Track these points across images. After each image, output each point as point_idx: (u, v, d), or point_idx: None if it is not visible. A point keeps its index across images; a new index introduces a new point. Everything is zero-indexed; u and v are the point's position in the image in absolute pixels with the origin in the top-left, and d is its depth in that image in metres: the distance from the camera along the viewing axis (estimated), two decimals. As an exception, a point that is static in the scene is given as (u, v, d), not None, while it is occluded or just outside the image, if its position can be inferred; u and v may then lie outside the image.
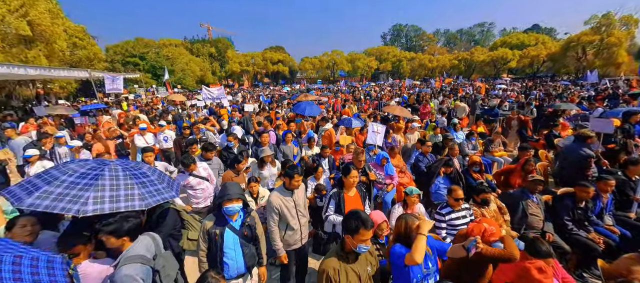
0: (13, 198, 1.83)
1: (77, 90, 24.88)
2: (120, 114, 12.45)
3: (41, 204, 1.85)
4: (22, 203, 1.81)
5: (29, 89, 20.21)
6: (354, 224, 1.75)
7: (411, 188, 3.13)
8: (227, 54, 53.55)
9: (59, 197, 1.91)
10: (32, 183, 1.97)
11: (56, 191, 1.94)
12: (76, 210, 1.87)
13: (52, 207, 1.86)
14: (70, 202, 1.91)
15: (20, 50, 13.81)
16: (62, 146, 6.29)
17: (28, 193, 1.88)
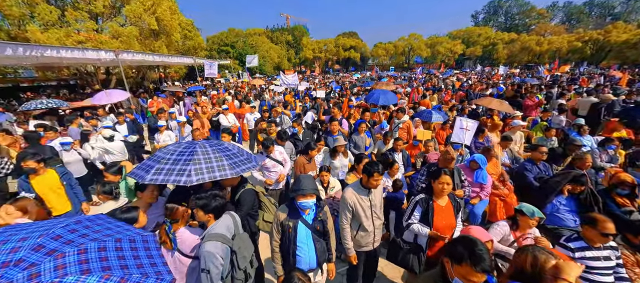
0: (137, 177, 2.23)
1: (185, 75, 30.50)
2: (213, 95, 14.54)
3: (158, 179, 2.20)
4: (144, 179, 2.20)
5: (155, 73, 25.80)
6: (462, 254, 1.36)
7: (532, 209, 2.40)
8: (302, 41, 55.82)
9: (169, 172, 2.25)
10: (146, 165, 2.37)
11: (165, 168, 2.28)
12: (185, 181, 2.18)
13: (166, 180, 2.20)
14: (178, 175, 2.24)
15: (150, 41, 17.54)
16: (173, 120, 7.67)
17: (146, 171, 2.28)
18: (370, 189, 2.45)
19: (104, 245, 1.13)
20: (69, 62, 11.09)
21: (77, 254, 1.04)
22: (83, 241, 1.11)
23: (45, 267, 0.97)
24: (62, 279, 0.94)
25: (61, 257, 1.00)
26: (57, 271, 0.96)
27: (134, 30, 15.18)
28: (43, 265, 0.97)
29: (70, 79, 21.31)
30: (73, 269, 0.99)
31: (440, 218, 2.34)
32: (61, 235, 1.10)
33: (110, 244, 1.15)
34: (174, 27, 17.92)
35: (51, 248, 1.03)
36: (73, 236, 1.11)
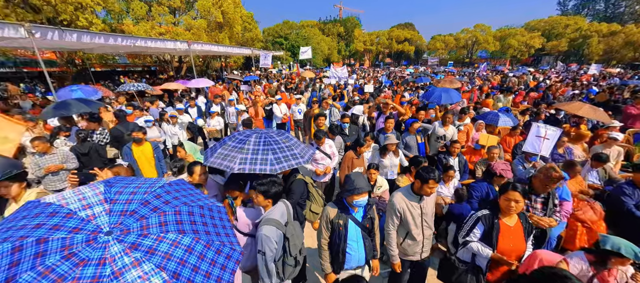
0: (224, 167, 2.50)
1: (242, 64, 32.91)
2: (266, 85, 15.38)
3: (216, 162, 2.47)
4: (207, 161, 2.50)
5: (217, 62, 28.43)
6: None
7: (633, 249, 1.83)
8: (354, 33, 54.78)
9: (224, 158, 2.50)
10: (213, 147, 2.67)
11: (223, 153, 2.54)
12: (230, 168, 2.42)
13: (219, 164, 2.48)
14: (227, 160, 2.49)
15: (215, 33, 19.32)
16: (231, 107, 8.37)
17: (231, 161, 2.55)
18: (422, 196, 2.30)
19: (191, 210, 1.24)
20: (152, 51, 12.94)
21: (174, 214, 1.15)
22: (177, 203, 1.23)
23: (152, 222, 1.09)
24: (165, 235, 1.05)
25: (163, 215, 1.13)
26: (161, 227, 1.08)
27: (203, 23, 16.88)
28: (151, 220, 1.09)
29: (152, 66, 24.93)
30: (172, 228, 1.10)
31: (507, 240, 2.07)
32: (160, 194, 1.24)
33: (196, 209, 1.26)
34: (236, 19, 19.32)
35: (155, 205, 1.17)
36: (169, 197, 1.25)
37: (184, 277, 0.98)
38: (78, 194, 1.14)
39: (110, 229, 1.02)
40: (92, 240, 0.95)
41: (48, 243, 0.90)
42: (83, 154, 4.63)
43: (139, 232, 1.02)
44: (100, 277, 0.86)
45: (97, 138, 5.31)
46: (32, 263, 0.84)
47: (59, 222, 0.98)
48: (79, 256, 0.90)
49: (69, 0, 9.91)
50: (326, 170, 3.94)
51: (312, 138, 4.35)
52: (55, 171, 3.95)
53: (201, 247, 1.09)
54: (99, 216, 1.06)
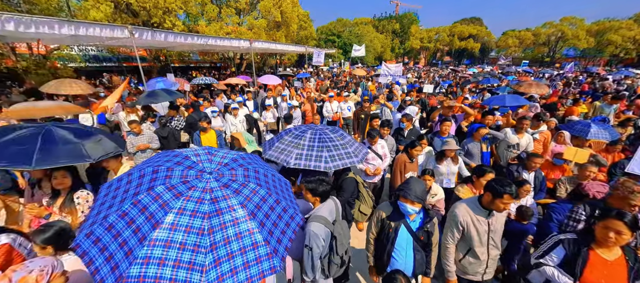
0: (281, 161, 2.65)
1: (295, 62, 34.25)
2: (318, 82, 15.70)
3: (273, 155, 2.62)
4: (289, 163, 2.64)
5: (273, 59, 30.14)
6: None
7: None
8: (410, 29, 51.82)
9: (281, 152, 2.64)
10: (271, 141, 2.84)
11: (281, 147, 2.67)
12: (287, 161, 2.53)
13: (276, 157, 2.62)
14: (284, 154, 2.62)
15: (273, 32, 20.48)
16: (284, 102, 8.78)
17: (269, 146, 2.74)
18: (491, 211, 2.05)
19: (266, 173, 1.58)
20: (219, 48, 14.42)
21: (254, 171, 1.51)
22: (256, 165, 1.60)
23: (238, 173, 1.45)
24: (247, 184, 1.39)
25: (246, 170, 1.50)
26: (245, 178, 1.43)
27: (263, 23, 18.05)
28: (237, 171, 1.46)
29: (218, 62, 27.79)
30: (253, 181, 1.43)
31: (598, 275, 1.69)
32: (245, 157, 1.64)
33: (269, 173, 1.60)
34: (293, 18, 20.13)
35: (241, 163, 1.54)
36: (250, 160, 1.64)
37: (258, 218, 1.28)
38: (193, 150, 1.59)
39: (211, 171, 1.41)
40: (199, 176, 1.36)
41: (173, 171, 1.35)
42: (163, 137, 5.42)
43: (229, 178, 1.39)
44: (203, 200, 1.23)
45: (174, 124, 6.16)
46: (163, 180, 1.29)
47: (181, 161, 1.44)
48: (190, 183, 1.29)
49: (159, 5, 11.71)
50: (376, 171, 3.84)
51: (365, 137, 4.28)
52: (143, 149, 4.73)
53: (272, 201, 1.39)
54: (204, 163, 1.47)
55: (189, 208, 1.19)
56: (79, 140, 2.46)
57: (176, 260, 1.09)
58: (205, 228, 1.16)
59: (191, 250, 1.11)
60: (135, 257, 1.07)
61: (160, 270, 1.06)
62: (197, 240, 1.13)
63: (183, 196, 1.22)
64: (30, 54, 12.31)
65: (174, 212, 1.17)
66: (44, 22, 5.79)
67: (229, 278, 1.12)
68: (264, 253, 1.22)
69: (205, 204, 1.22)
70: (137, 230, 1.13)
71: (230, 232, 1.20)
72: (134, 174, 1.36)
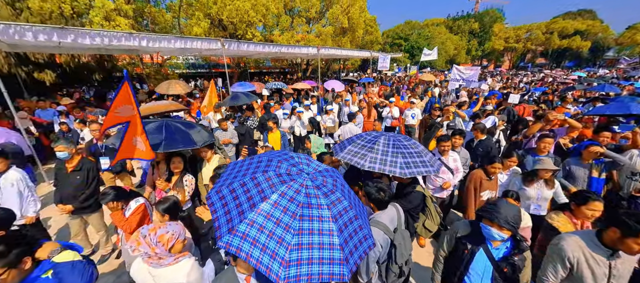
0: (356, 163, 2.73)
1: (358, 67, 34.24)
2: (381, 87, 15.34)
3: (346, 157, 2.70)
4: (338, 155, 2.75)
5: (337, 64, 30.85)
6: None
7: None
8: (493, 28, 45.51)
9: (354, 155, 2.69)
10: (342, 144, 2.93)
11: (353, 150, 2.73)
12: (361, 164, 2.56)
13: (349, 160, 2.67)
14: (357, 157, 2.64)
15: (339, 38, 20.98)
16: (346, 107, 8.91)
17: (341, 149, 2.83)
18: (616, 252, 1.65)
19: (348, 188, 1.76)
20: (290, 55, 15.61)
21: (340, 184, 1.70)
22: (337, 176, 1.79)
23: (328, 181, 1.62)
24: (335, 191, 1.55)
25: (335, 180, 1.67)
26: (333, 186, 1.59)
27: (330, 30, 18.69)
28: (327, 179, 1.63)
29: (286, 68, 30.07)
30: (339, 190, 1.60)
31: None
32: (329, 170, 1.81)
33: (352, 192, 1.78)
34: (360, 24, 20.22)
35: (330, 174, 1.73)
36: (334, 174, 1.79)
37: (339, 224, 1.43)
38: (295, 154, 1.88)
39: (308, 172, 1.64)
40: (299, 173, 1.61)
41: (282, 164, 1.64)
42: (241, 134, 6.20)
43: (321, 181, 1.60)
44: (299, 191, 1.46)
45: (250, 123, 6.98)
46: (274, 169, 1.58)
47: (288, 158, 1.74)
48: (292, 176, 1.56)
49: (243, 19, 13.47)
50: (445, 185, 3.54)
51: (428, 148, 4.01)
52: (227, 143, 5.52)
53: (352, 214, 1.52)
54: (304, 165, 1.73)
55: (289, 194, 1.44)
56: (186, 130, 3.07)
57: (271, 231, 1.32)
58: (297, 213, 1.37)
59: (283, 228, 1.32)
60: (245, 217, 1.35)
61: (258, 234, 1.31)
62: (289, 221, 1.34)
63: (286, 184, 1.48)
64: (152, 63, 15.82)
65: (277, 193, 1.43)
66: (164, 38, 7.39)
67: (304, 265, 1.27)
68: (337, 258, 1.33)
69: (301, 195, 1.44)
70: (250, 198, 1.43)
71: (315, 225, 1.37)
72: (254, 159, 1.74)
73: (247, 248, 1.27)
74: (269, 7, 14.51)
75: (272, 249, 1.27)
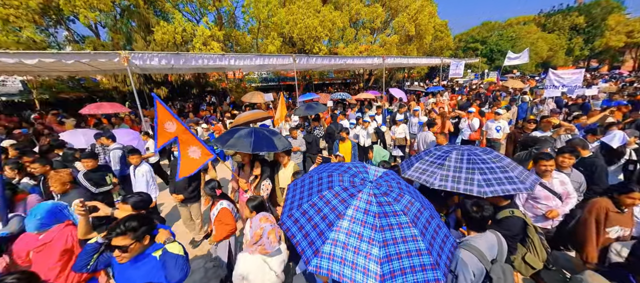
0: (426, 182, 2.58)
1: (425, 75, 32.07)
2: (452, 97, 13.95)
3: (413, 175, 2.56)
4: (405, 173, 2.64)
5: (401, 73, 29.66)
6: None
7: None
8: (608, 21, 36.37)
9: (423, 172, 2.53)
10: (409, 161, 2.80)
11: (421, 167, 2.57)
12: (430, 183, 2.38)
13: (417, 178, 2.52)
14: (426, 174, 2.49)
15: (405, 46, 20.18)
16: (415, 117, 8.41)
17: (408, 166, 2.69)
18: None
19: (415, 190, 1.74)
20: (354, 66, 15.83)
21: (408, 189, 1.68)
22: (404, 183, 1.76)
23: (393, 185, 1.63)
24: (402, 197, 1.51)
25: (407, 187, 1.70)
26: (399, 190, 1.57)
27: (396, 38, 18.18)
28: (392, 183, 1.65)
29: (348, 79, 30.49)
30: (407, 195, 1.56)
31: None
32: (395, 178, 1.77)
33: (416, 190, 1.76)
34: (428, 30, 19.08)
35: (393, 178, 1.71)
36: (401, 182, 1.75)
37: (419, 227, 1.37)
38: (349, 163, 1.88)
39: (371, 180, 1.64)
40: (363, 182, 1.61)
41: (343, 176, 1.66)
42: (308, 142, 6.51)
43: (387, 188, 1.57)
44: (371, 202, 1.43)
45: (316, 132, 7.29)
46: (338, 183, 1.60)
47: (346, 170, 1.75)
48: (358, 187, 1.55)
49: (311, 35, 14.39)
50: (550, 214, 2.92)
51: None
52: (295, 151, 5.88)
53: (427, 214, 1.48)
54: (363, 174, 1.73)
55: (362, 207, 1.42)
56: (270, 136, 3.42)
57: (356, 247, 1.31)
58: (377, 225, 1.34)
59: (367, 242, 1.31)
60: (326, 238, 1.36)
61: (344, 252, 1.31)
62: (371, 234, 1.32)
63: (356, 196, 1.48)
64: (233, 78, 18.33)
65: (351, 207, 1.42)
66: (247, 57, 8.49)
67: (398, 277, 1.23)
68: (428, 263, 1.28)
69: (373, 205, 1.42)
70: (324, 217, 1.44)
71: (397, 234, 1.33)
72: (313, 177, 1.76)
73: (337, 269, 1.27)
74: (335, 22, 15.09)
75: (362, 265, 1.26)
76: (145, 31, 12.31)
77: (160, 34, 10.93)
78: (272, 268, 2.01)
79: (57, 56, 5.77)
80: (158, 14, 13.40)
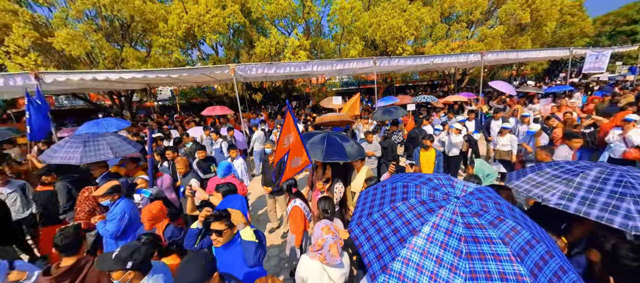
0: (545, 200, 2.08)
1: (543, 71, 25.47)
2: (591, 99, 10.47)
3: (522, 187, 2.09)
4: (512, 182, 2.14)
5: (507, 70, 24.66)
6: None
7: None
8: None
9: (536, 185, 2.04)
10: (523, 171, 2.26)
11: (537, 179, 2.08)
12: (543, 199, 1.88)
13: (527, 190, 2.07)
14: (540, 188, 1.99)
15: (513, 38, 16.63)
16: (523, 125, 6.80)
17: (518, 177, 2.19)
18: None
19: (523, 215, 1.40)
20: (444, 66, 14.20)
21: (509, 210, 1.38)
22: (504, 202, 1.45)
23: (489, 204, 1.34)
24: (505, 219, 1.22)
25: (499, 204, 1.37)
26: (499, 213, 1.28)
27: (501, 30, 15.22)
28: (488, 202, 1.37)
29: (435, 80, 27.56)
30: (510, 219, 1.25)
31: None
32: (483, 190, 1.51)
33: (526, 216, 1.40)
34: (552, 15, 15.14)
35: (490, 195, 1.45)
36: (498, 200, 1.45)
37: (527, 265, 1.04)
38: (430, 175, 1.67)
39: (457, 196, 1.39)
40: (446, 198, 1.39)
41: (421, 188, 1.48)
42: (383, 148, 6.20)
43: (479, 207, 1.28)
44: (456, 222, 1.21)
45: (395, 138, 6.87)
46: (414, 195, 1.43)
47: (425, 182, 1.56)
48: (439, 202, 1.35)
49: (395, 36, 13.77)
50: None
51: None
52: (370, 156, 5.70)
53: (542, 250, 1.11)
54: (447, 187, 1.49)
55: (443, 225, 1.21)
56: (342, 143, 3.42)
57: (433, 273, 1.12)
58: (462, 251, 1.12)
59: (448, 269, 1.11)
60: (397, 254, 1.21)
61: (418, 275, 1.14)
62: (454, 260, 1.11)
63: (435, 212, 1.27)
64: (316, 83, 19.55)
65: (429, 224, 1.23)
66: (328, 62, 8.86)
67: None
68: None
69: (459, 226, 1.19)
70: (395, 230, 1.30)
71: (492, 267, 1.07)
72: (387, 186, 1.60)
73: None
74: (423, 19, 13.91)
75: (441, 294, 1.06)
76: (248, 46, 14.67)
77: (259, 47, 12.78)
78: (332, 277, 1.97)
79: (189, 71, 7.58)
80: (259, 31, 15.72)
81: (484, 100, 12.63)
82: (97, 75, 6.19)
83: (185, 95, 21.57)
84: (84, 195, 3.20)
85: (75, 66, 11.05)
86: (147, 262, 1.83)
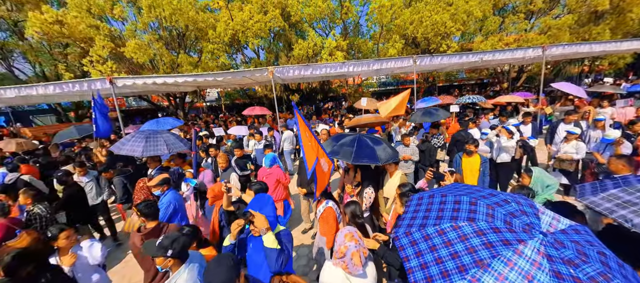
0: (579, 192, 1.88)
1: (626, 66, 21.31)
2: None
3: (602, 205, 1.76)
4: (585, 198, 1.86)
5: (575, 67, 21.28)
6: None
7: None
8: None
9: (621, 205, 1.71)
10: (601, 184, 1.91)
11: (623, 198, 1.75)
12: (634, 224, 1.60)
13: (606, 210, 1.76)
14: (626, 209, 1.66)
15: (587, 28, 14.26)
16: (596, 130, 5.81)
17: (593, 191, 1.86)
18: None
19: None
20: (496, 63, 12.82)
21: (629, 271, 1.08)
22: None
23: (589, 252, 1.04)
24: None
25: (618, 264, 1.05)
26: (624, 278, 0.98)
27: (569, 19, 13.17)
28: (588, 249, 1.06)
29: (485, 79, 25.04)
30: None
31: None
32: (580, 230, 1.20)
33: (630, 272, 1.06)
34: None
35: (589, 239, 1.14)
36: (600, 244, 1.16)
37: None
38: (508, 195, 1.37)
39: (544, 232, 1.11)
40: (527, 230, 1.12)
41: (495, 211, 1.21)
42: (421, 151, 5.83)
43: (576, 254, 1.01)
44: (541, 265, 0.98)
45: (435, 141, 6.42)
46: (485, 217, 1.19)
47: (500, 203, 1.27)
48: (517, 235, 1.09)
49: (439, 32, 12.89)
50: None
51: None
52: (406, 160, 5.41)
53: None
54: (531, 216, 1.18)
55: (523, 267, 0.99)
56: (373, 146, 3.31)
57: None
58: None
59: None
60: None
61: None
62: None
63: (512, 247, 1.04)
64: (353, 84, 19.32)
65: (502, 261, 1.01)
66: (364, 63, 8.67)
67: None
68: None
69: (544, 274, 0.96)
70: (455, 255, 1.09)
71: None
72: (448, 197, 1.37)
73: None
74: (472, 12, 12.75)
75: None
76: (287, 49, 15.16)
77: (297, 50, 13.11)
78: (355, 288, 1.89)
79: (232, 74, 8.12)
80: (297, 33, 16.14)
81: (545, 100, 11.03)
82: (157, 79, 7.02)
83: (230, 97, 23.19)
84: (139, 185, 3.66)
85: (141, 72, 12.68)
86: (185, 252, 1.99)
